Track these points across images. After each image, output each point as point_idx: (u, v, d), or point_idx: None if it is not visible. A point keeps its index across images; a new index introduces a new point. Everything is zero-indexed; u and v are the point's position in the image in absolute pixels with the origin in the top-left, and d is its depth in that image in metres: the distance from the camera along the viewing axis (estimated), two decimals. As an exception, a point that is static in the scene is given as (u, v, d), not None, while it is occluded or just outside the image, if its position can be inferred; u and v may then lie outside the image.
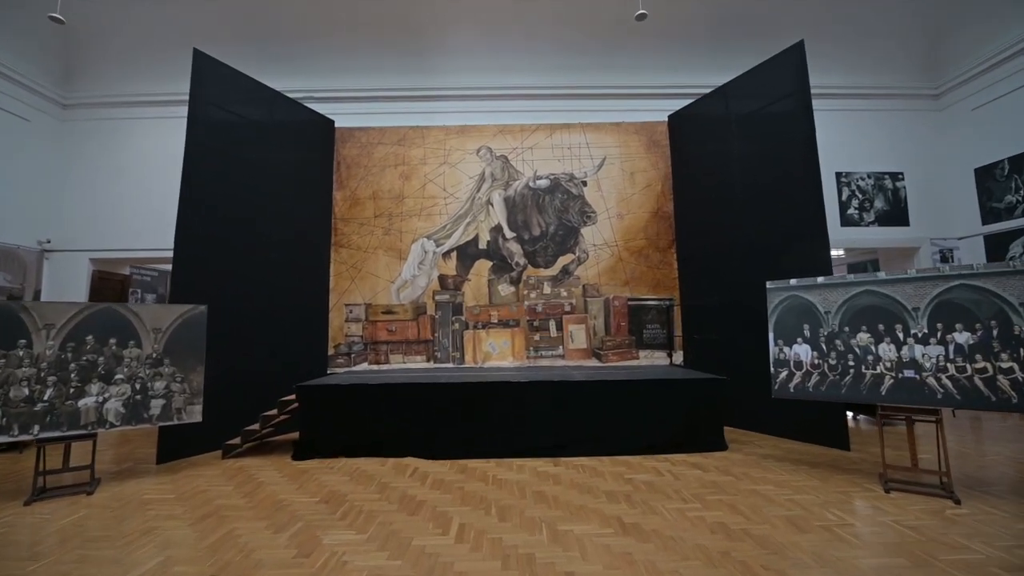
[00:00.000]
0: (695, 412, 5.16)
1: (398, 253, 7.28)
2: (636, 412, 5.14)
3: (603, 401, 5.18)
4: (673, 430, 5.11)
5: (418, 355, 7.10)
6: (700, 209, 6.88)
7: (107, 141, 7.75)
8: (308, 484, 4.29)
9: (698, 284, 6.86)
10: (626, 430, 5.10)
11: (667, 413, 5.15)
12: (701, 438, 5.12)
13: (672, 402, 5.17)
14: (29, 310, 4.25)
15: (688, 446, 5.07)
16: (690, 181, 7.11)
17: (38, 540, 3.20)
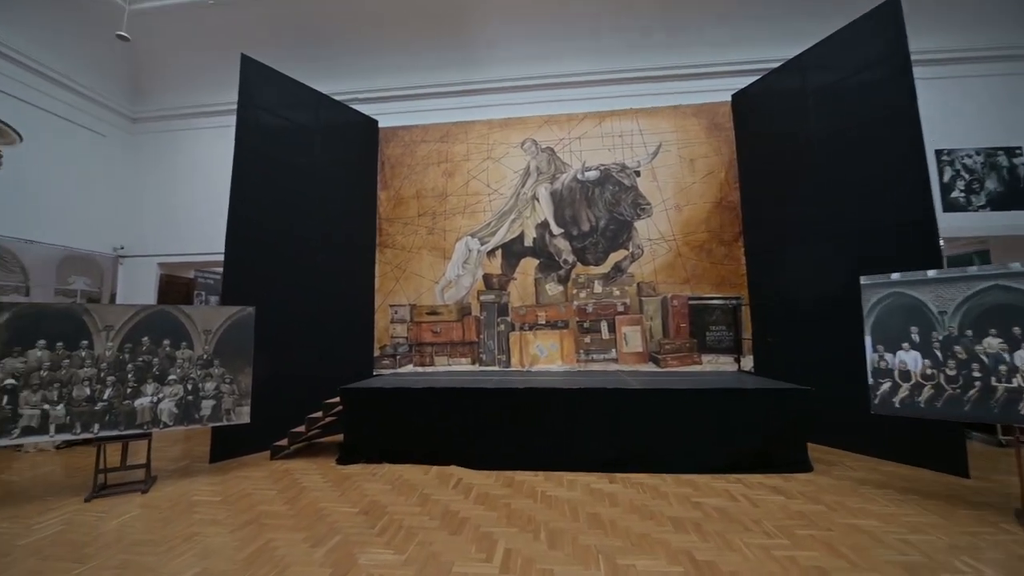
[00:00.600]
0: (773, 427, 4.51)
1: (442, 252, 7.10)
2: (703, 425, 4.58)
3: (664, 411, 4.66)
4: (747, 447, 4.50)
5: (463, 357, 6.86)
6: (771, 197, 6.14)
7: (171, 152, 8.18)
8: (350, 492, 4.13)
9: (770, 281, 6.12)
10: (691, 445, 4.55)
11: (740, 427, 4.54)
12: (780, 457, 4.47)
13: (746, 414, 4.56)
14: (91, 312, 4.40)
15: (765, 466, 4.44)
16: (759, 166, 6.38)
17: (88, 541, 3.21)
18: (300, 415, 5.49)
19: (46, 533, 3.34)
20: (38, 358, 4.10)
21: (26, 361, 4.05)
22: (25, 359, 4.05)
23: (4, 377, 3.94)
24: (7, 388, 3.93)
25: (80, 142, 7.45)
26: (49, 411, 4.03)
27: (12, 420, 3.90)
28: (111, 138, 7.95)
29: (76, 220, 7.33)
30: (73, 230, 7.26)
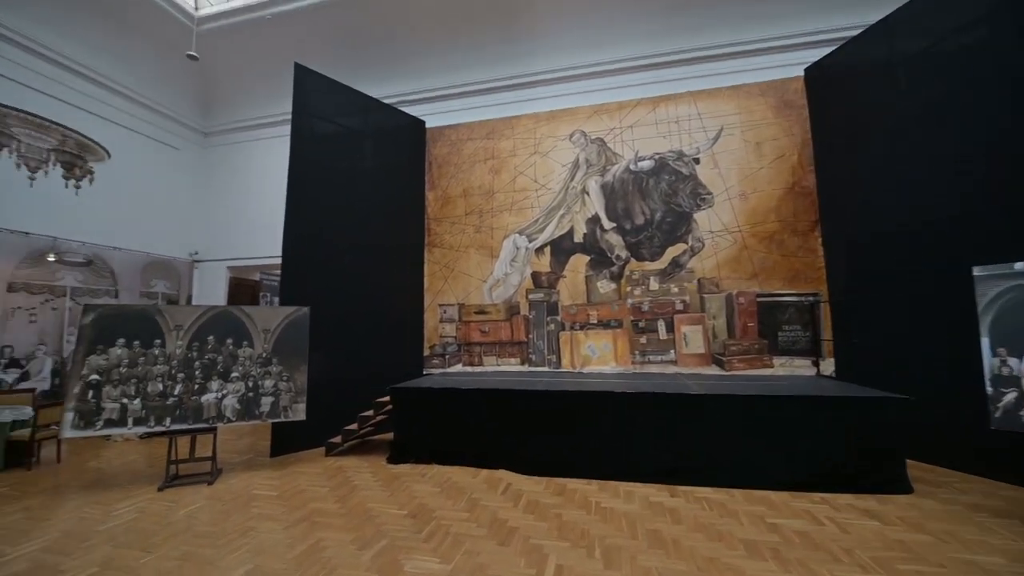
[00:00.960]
0: (865, 440, 3.95)
1: (489, 251, 6.98)
2: (778, 436, 4.10)
3: (731, 419, 4.22)
4: (832, 462, 3.97)
5: (512, 357, 6.71)
6: (854, 179, 5.44)
7: (239, 161, 8.71)
8: (399, 492, 4.09)
9: (855, 274, 5.43)
10: (764, 458, 4.09)
11: (822, 439, 4.02)
12: (873, 475, 3.90)
13: (830, 425, 4.02)
14: (163, 313, 4.69)
15: (854, 484, 3.89)
16: (839, 146, 5.68)
17: (156, 530, 3.37)
18: (353, 413, 5.58)
19: (122, 520, 3.56)
20: (118, 356, 4.42)
21: (108, 358, 4.37)
22: (107, 356, 4.38)
23: (90, 373, 4.28)
24: (92, 383, 4.26)
25: (158, 156, 8.11)
26: (127, 405, 4.33)
27: (96, 413, 4.22)
28: (185, 151, 8.59)
29: (156, 228, 7.98)
30: (154, 237, 7.90)
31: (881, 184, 5.14)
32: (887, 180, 5.09)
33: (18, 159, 6.23)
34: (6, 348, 5.89)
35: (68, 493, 4.17)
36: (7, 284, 5.95)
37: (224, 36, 7.46)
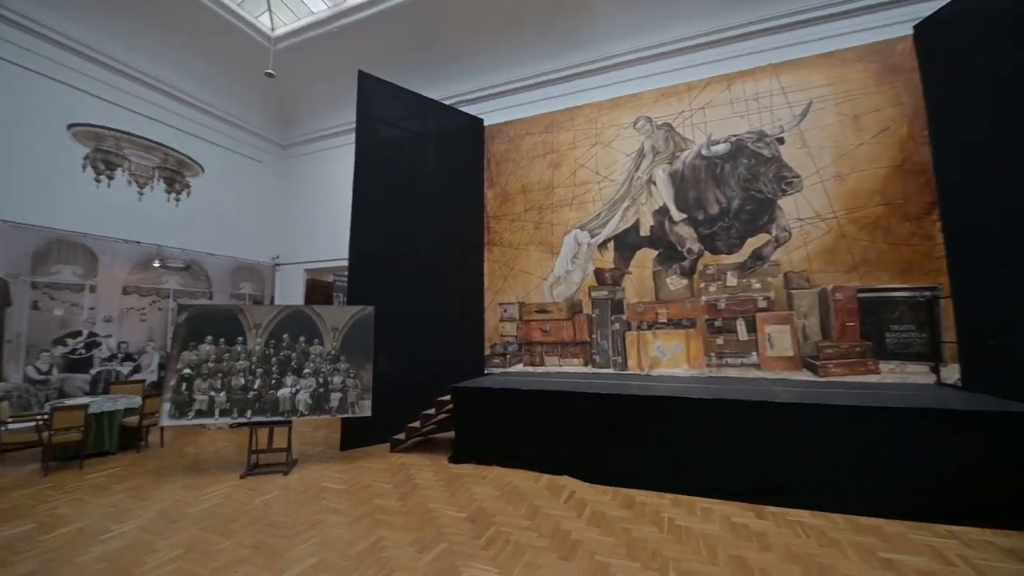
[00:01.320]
0: (1004, 463, 3.24)
1: (550, 247, 6.78)
2: (891, 454, 3.49)
3: (832, 432, 3.67)
4: (961, 488, 3.30)
5: (575, 358, 6.45)
6: (983, 152, 4.54)
7: (313, 170, 9.26)
8: (459, 494, 4.03)
9: (986, 264, 4.53)
10: (873, 479, 3.50)
11: (948, 460, 3.36)
12: (1014, 505, 3.19)
13: (958, 443, 3.36)
14: (244, 312, 5.02)
15: (991, 517, 3.20)
16: (962, 113, 4.78)
17: (236, 516, 3.56)
18: (417, 410, 5.64)
19: (208, 505, 3.82)
20: (207, 351, 4.79)
21: (198, 354, 4.76)
22: (197, 352, 4.76)
23: (183, 367, 4.68)
24: (185, 376, 4.65)
25: (244, 169, 8.84)
26: (214, 397, 4.67)
27: (189, 403, 4.60)
28: (266, 164, 9.29)
29: (243, 235, 8.70)
30: (241, 244, 8.62)
31: (1018, 155, 4.23)
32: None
33: (129, 177, 7.03)
34: (122, 343, 6.69)
35: (167, 476, 4.58)
36: (122, 287, 6.74)
37: (296, 52, 7.94)
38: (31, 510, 3.73)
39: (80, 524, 3.45)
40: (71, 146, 6.38)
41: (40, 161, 6.02)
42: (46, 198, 6.02)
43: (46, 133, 6.10)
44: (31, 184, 5.90)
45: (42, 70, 6.07)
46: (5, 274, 5.58)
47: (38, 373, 5.80)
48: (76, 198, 6.33)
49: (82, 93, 6.44)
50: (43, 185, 6.01)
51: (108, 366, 6.51)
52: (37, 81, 6.02)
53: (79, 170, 6.46)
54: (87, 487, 4.26)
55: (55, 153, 6.18)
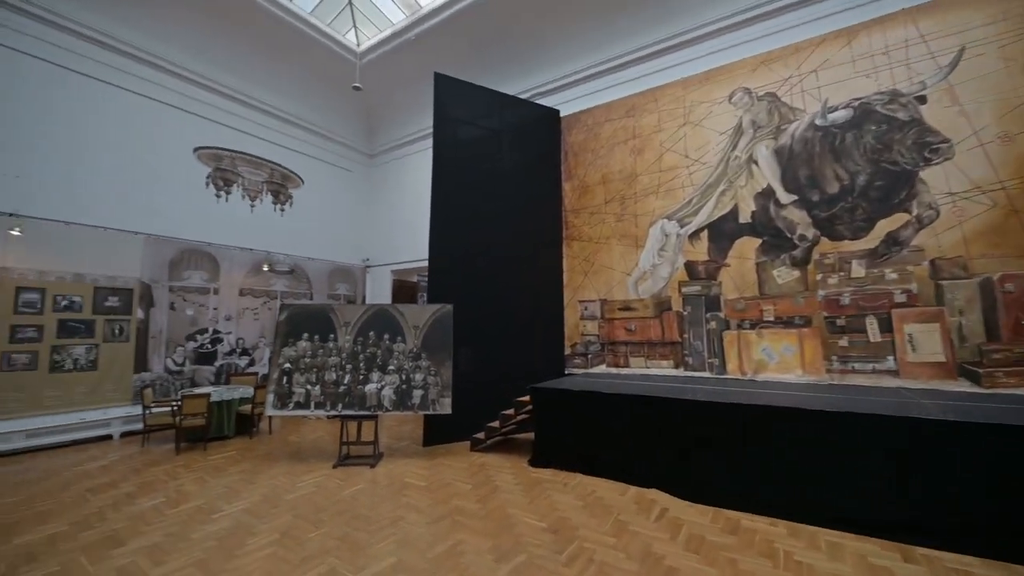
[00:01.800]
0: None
1: (634, 240, 6.31)
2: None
3: (1005, 461, 2.86)
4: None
5: (664, 359, 5.92)
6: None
7: (398, 175, 9.70)
8: (539, 500, 3.82)
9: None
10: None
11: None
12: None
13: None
14: (335, 311, 5.30)
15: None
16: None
17: (326, 506, 3.71)
18: (496, 409, 5.55)
19: (303, 492, 4.03)
20: (303, 348, 5.12)
21: (296, 350, 5.11)
22: (296, 348, 5.11)
23: (284, 362, 5.05)
24: (286, 371, 5.02)
25: (336, 179, 9.51)
26: (310, 390, 4.98)
27: (289, 396, 4.95)
28: (356, 173, 9.92)
29: (337, 240, 9.36)
30: (336, 248, 9.28)
31: None
32: None
33: (243, 192, 7.88)
34: (239, 340, 7.50)
35: (272, 461, 4.97)
36: (239, 290, 7.56)
37: (379, 64, 8.34)
38: (164, 485, 4.23)
39: (199, 502, 3.82)
40: (196, 167, 7.30)
41: (173, 181, 6.95)
42: (179, 213, 6.93)
43: (177, 157, 7.03)
44: (167, 202, 6.84)
45: (171, 101, 7.00)
46: (149, 280, 6.51)
47: (175, 364, 6.70)
48: (201, 212, 7.22)
49: (203, 119, 7.34)
50: (176, 202, 6.93)
51: (229, 359, 7.34)
52: (167, 112, 6.95)
53: (203, 188, 7.38)
54: (208, 467, 4.76)
55: (185, 174, 7.10)
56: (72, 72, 6.09)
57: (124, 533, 3.24)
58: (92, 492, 4.05)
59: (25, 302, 5.50)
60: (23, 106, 5.67)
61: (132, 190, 6.50)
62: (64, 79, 6.03)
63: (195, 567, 2.78)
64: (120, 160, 6.43)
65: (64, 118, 5.99)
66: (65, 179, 5.93)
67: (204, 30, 7.06)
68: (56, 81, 5.96)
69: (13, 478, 4.46)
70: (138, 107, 6.65)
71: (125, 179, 6.45)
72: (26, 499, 3.91)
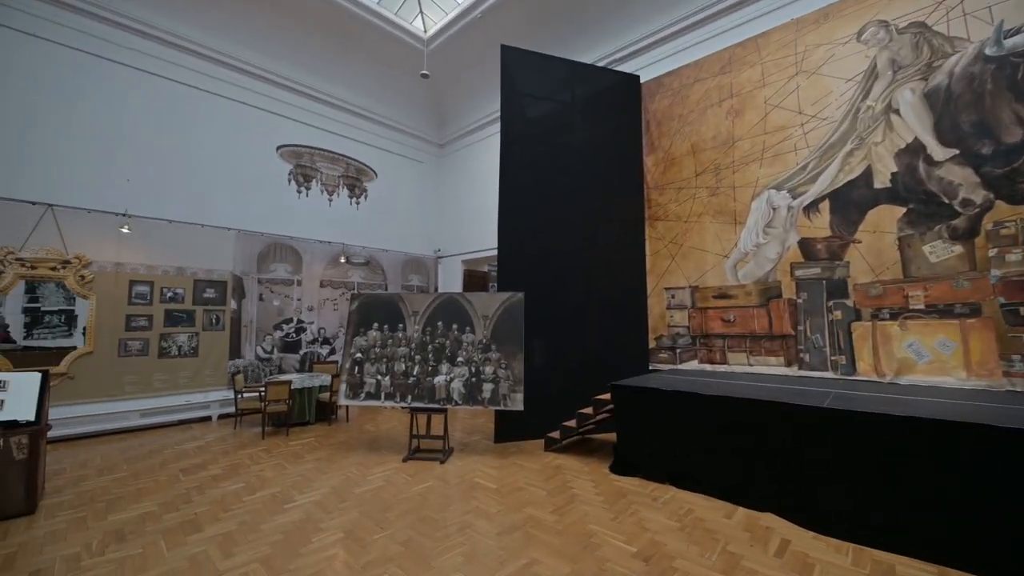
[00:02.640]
0: None
1: (731, 217, 5.44)
2: None
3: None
4: None
5: (771, 355, 5.03)
6: None
7: (467, 164, 9.51)
8: (625, 517, 3.29)
9: None
10: None
11: None
12: None
13: None
14: (404, 300, 5.14)
15: None
16: None
17: (393, 504, 3.50)
18: (572, 406, 5.08)
19: (372, 486, 3.88)
20: (374, 337, 5.03)
21: (367, 340, 5.03)
22: (366, 338, 5.03)
23: (355, 351, 4.99)
24: (357, 360, 4.96)
25: (408, 171, 9.54)
26: (381, 381, 4.87)
27: (360, 385, 4.88)
28: (427, 164, 9.89)
29: (410, 231, 9.41)
30: (408, 240, 9.33)
31: None
32: None
33: (321, 187, 8.10)
34: (321, 329, 7.76)
35: (346, 451, 4.95)
36: (319, 281, 7.82)
37: (446, 49, 8.13)
38: (246, 470, 4.33)
39: (275, 489, 3.82)
40: (279, 164, 7.61)
41: (259, 179, 7.30)
42: (264, 209, 7.28)
43: (262, 156, 7.38)
44: (254, 199, 7.20)
45: (255, 103, 7.34)
46: (240, 272, 6.90)
47: (264, 352, 7.06)
48: (284, 207, 7.54)
49: (283, 119, 7.64)
50: (262, 199, 7.29)
51: (312, 348, 7.63)
52: (251, 114, 7.30)
53: (285, 184, 7.68)
54: (288, 453, 4.84)
55: (269, 172, 7.44)
56: (175, 83, 6.58)
57: (203, 518, 3.27)
58: (184, 473, 4.24)
59: (137, 294, 6.04)
60: (132, 116, 6.20)
61: (224, 189, 6.92)
62: (174, 91, 6.54)
63: (260, 563, 2.66)
64: (212, 162, 6.86)
65: (167, 126, 6.48)
66: (167, 181, 6.43)
67: (281, 30, 7.31)
68: (164, 92, 6.47)
69: (127, 453, 4.87)
70: (225, 110, 7.05)
71: (218, 179, 6.88)
72: (132, 475, 4.18)
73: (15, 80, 5.41)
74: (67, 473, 4.24)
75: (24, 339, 5.25)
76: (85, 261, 5.72)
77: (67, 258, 5.57)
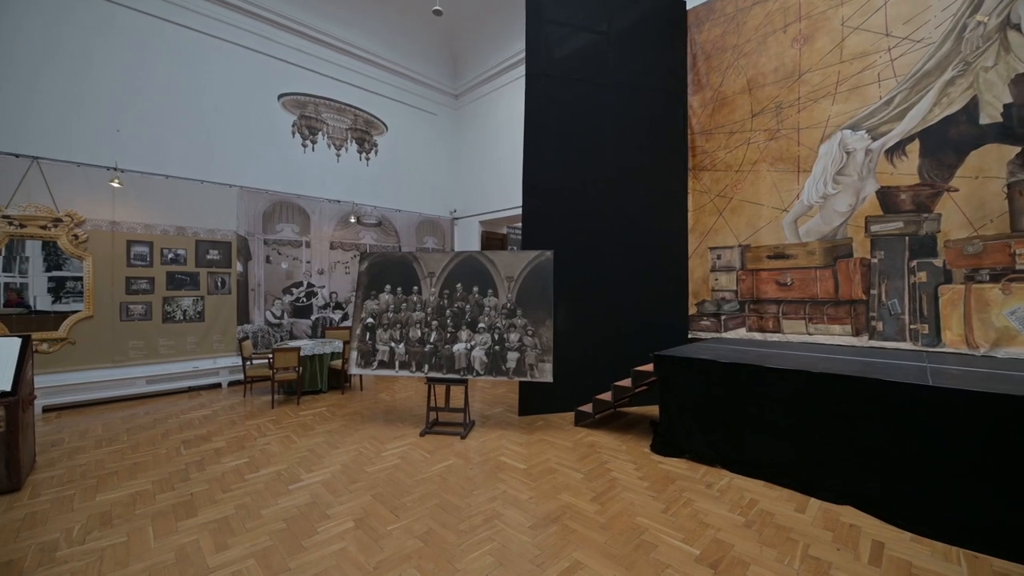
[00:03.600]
0: None
1: (794, 164, 4.70)
2: None
3: None
4: None
5: (836, 324, 4.42)
6: None
7: (484, 116, 8.74)
8: (678, 507, 2.83)
9: None
10: None
11: None
12: None
13: None
14: (418, 260, 4.62)
15: None
16: None
17: (411, 487, 3.10)
18: (602, 377, 4.60)
19: (386, 464, 3.50)
20: (386, 301, 4.56)
21: (378, 303, 4.56)
22: (378, 302, 4.57)
23: (366, 316, 4.53)
24: (368, 326, 4.51)
25: (421, 124, 8.81)
26: (395, 348, 4.43)
27: (372, 353, 4.45)
28: (441, 116, 9.13)
29: (424, 191, 8.80)
30: (423, 199, 8.74)
31: None
32: None
33: (328, 140, 7.49)
34: (333, 294, 7.36)
35: (359, 422, 4.59)
36: (329, 243, 7.35)
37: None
38: (252, 443, 4.00)
39: (280, 467, 3.46)
40: (281, 116, 6.99)
41: (261, 132, 6.72)
42: (268, 165, 6.74)
43: (263, 106, 6.76)
44: (257, 153, 6.66)
45: (252, 45, 6.65)
46: (245, 233, 6.46)
47: (274, 317, 6.71)
48: (289, 163, 6.98)
49: (284, 64, 6.95)
50: (265, 154, 6.74)
51: (323, 313, 7.25)
52: (249, 57, 6.63)
53: (289, 137, 7.09)
54: (297, 425, 4.50)
55: (271, 124, 6.84)
56: (167, 23, 5.92)
57: (199, 500, 2.92)
58: (186, 445, 3.93)
59: (136, 255, 5.65)
60: (120, 60, 5.61)
61: (223, 143, 6.37)
62: (161, 30, 5.89)
63: (256, 559, 2.28)
64: (211, 112, 6.28)
65: (158, 70, 5.88)
66: (162, 133, 5.90)
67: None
68: (153, 33, 5.83)
69: (130, 422, 4.59)
70: (223, 54, 6.39)
71: (217, 131, 6.32)
72: (131, 447, 3.88)
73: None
74: (65, 444, 3.97)
75: (52, 304, 5.05)
76: (78, 219, 5.31)
77: (58, 215, 5.16)
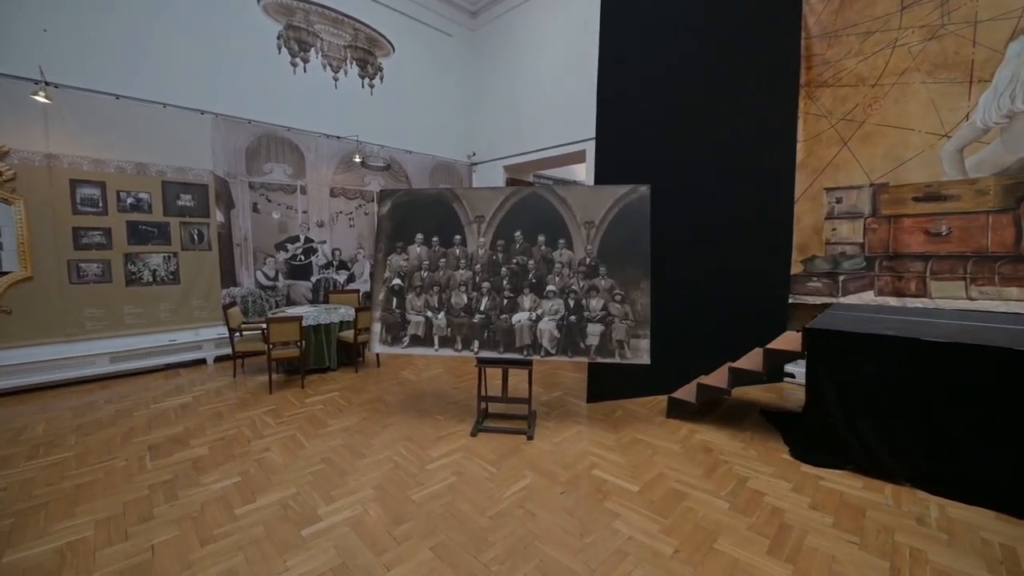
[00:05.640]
0: None
1: (964, 71, 3.48)
2: None
3: None
4: None
5: (1013, 285, 3.34)
6: None
7: (508, 40, 7.23)
8: (909, 570, 1.83)
9: None
10: None
11: None
12: None
13: None
14: (460, 199, 3.42)
15: None
16: None
17: (485, 529, 2.06)
18: (686, 353, 3.58)
19: (437, 487, 2.46)
20: (417, 255, 3.39)
21: (407, 258, 3.39)
22: (407, 256, 3.40)
23: (392, 277, 3.38)
24: (395, 289, 3.37)
25: (435, 47, 7.30)
26: (432, 319, 3.31)
27: (402, 327, 3.33)
28: (457, 38, 7.60)
29: (438, 129, 7.43)
30: (437, 139, 7.38)
31: None
32: None
33: (323, 59, 6.05)
34: (335, 251, 6.15)
35: (384, 414, 3.54)
36: (329, 189, 6.06)
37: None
38: (246, 447, 2.94)
39: (285, 491, 2.42)
40: (265, 25, 5.53)
41: (239, 45, 5.28)
42: (250, 87, 5.36)
43: (239, 15, 5.27)
44: (236, 72, 5.26)
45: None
46: (224, 174, 5.16)
47: (266, 279, 5.53)
48: (276, 87, 5.58)
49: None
50: (246, 73, 5.34)
51: (326, 274, 6.07)
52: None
53: (275, 54, 5.65)
54: (304, 419, 3.44)
55: (252, 35, 5.37)
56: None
57: (163, 562, 1.86)
58: (152, 453, 2.85)
59: (84, 198, 4.38)
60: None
61: (192, 57, 4.95)
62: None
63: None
64: (172, 14, 4.82)
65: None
66: (106, 37, 4.48)
67: None
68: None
69: (81, 416, 3.50)
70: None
71: (179, 39, 4.88)
72: (76, 457, 2.81)
73: None
74: (-15, 451, 2.88)
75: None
76: (1, 150, 4.01)
77: (-32, 143, 3.85)
